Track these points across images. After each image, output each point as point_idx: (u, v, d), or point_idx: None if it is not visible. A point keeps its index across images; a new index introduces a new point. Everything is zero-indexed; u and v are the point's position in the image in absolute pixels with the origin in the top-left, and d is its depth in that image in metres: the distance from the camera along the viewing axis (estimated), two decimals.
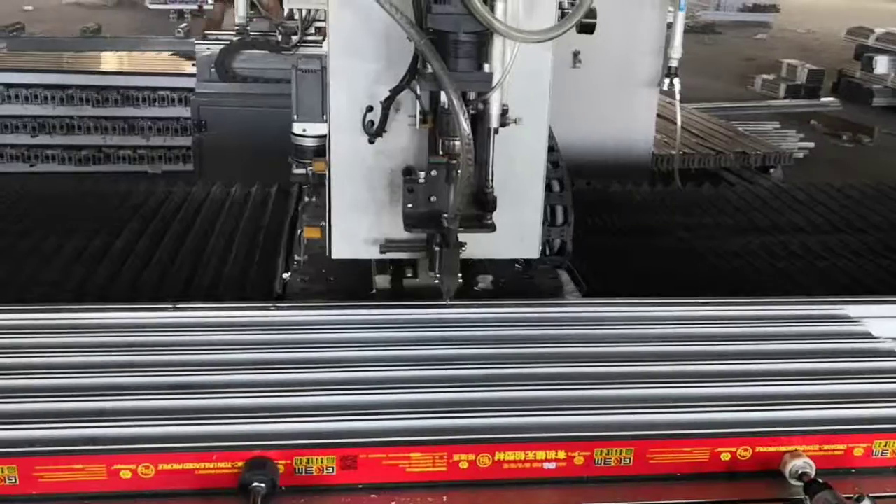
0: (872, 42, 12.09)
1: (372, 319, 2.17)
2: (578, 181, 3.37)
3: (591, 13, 1.98)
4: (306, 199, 3.12)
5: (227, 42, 6.54)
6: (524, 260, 2.51)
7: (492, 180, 2.08)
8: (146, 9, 13.70)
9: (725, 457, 1.77)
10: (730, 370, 2.01)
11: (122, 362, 1.94)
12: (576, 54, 4.38)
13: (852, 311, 2.33)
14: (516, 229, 2.27)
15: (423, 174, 2.10)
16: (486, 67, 1.94)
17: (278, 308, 2.24)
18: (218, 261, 2.66)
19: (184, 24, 7.30)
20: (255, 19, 6.65)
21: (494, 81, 1.94)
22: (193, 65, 6.71)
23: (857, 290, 2.62)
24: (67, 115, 6.97)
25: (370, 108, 2.12)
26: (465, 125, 1.87)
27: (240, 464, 1.64)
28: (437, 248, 2.08)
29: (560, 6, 2.11)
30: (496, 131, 2.03)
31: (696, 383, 1.94)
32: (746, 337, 2.17)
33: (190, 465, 1.65)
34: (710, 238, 3.10)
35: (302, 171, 3.42)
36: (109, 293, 2.41)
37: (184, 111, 7.01)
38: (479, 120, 2.00)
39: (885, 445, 1.80)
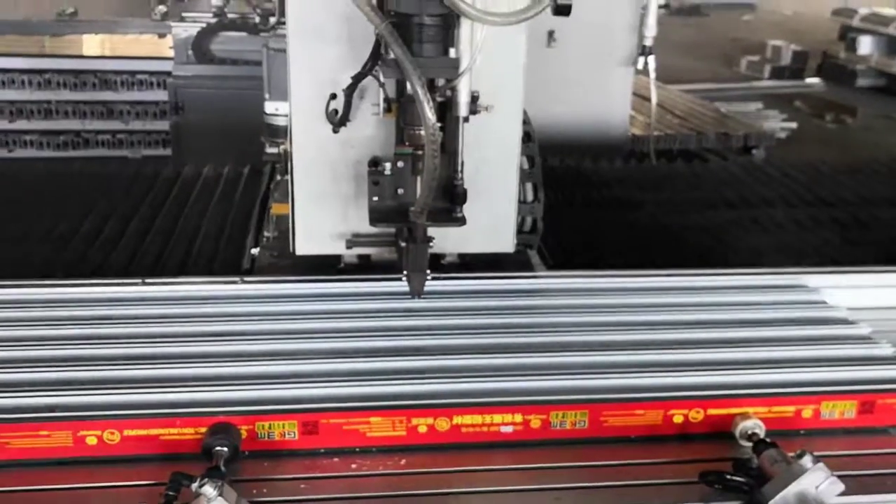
0: (856, 22, 12.11)
1: (337, 292, 2.21)
2: (551, 159, 3.39)
3: None
4: (279, 177, 3.15)
5: (205, 24, 6.55)
6: None
7: (462, 171, 2.00)
8: None
9: (678, 419, 1.82)
10: (684, 338, 2.06)
11: (89, 335, 1.97)
12: (550, 33, 4.39)
13: (811, 280, 2.39)
14: (489, 222, 2.20)
15: (388, 165, 2.00)
16: (453, 52, 1.84)
17: (245, 282, 2.27)
18: (188, 239, 2.69)
19: (161, 7, 7.28)
20: (232, 1, 6.66)
21: (462, 66, 1.85)
22: (171, 47, 6.72)
23: (823, 262, 2.66)
24: (45, 100, 6.97)
25: (333, 96, 2.02)
26: (430, 114, 1.74)
27: (203, 429, 1.68)
28: (403, 244, 2.00)
29: None
30: (466, 120, 1.93)
31: (651, 350, 1.99)
32: (702, 305, 2.22)
33: (154, 431, 1.69)
34: (680, 213, 3.14)
35: (274, 150, 3.46)
36: (77, 273, 2.43)
37: (162, 95, 6.99)
38: (447, 108, 1.91)
39: (833, 407, 1.86)
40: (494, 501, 1.65)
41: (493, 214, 2.21)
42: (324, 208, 2.17)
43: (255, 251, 2.57)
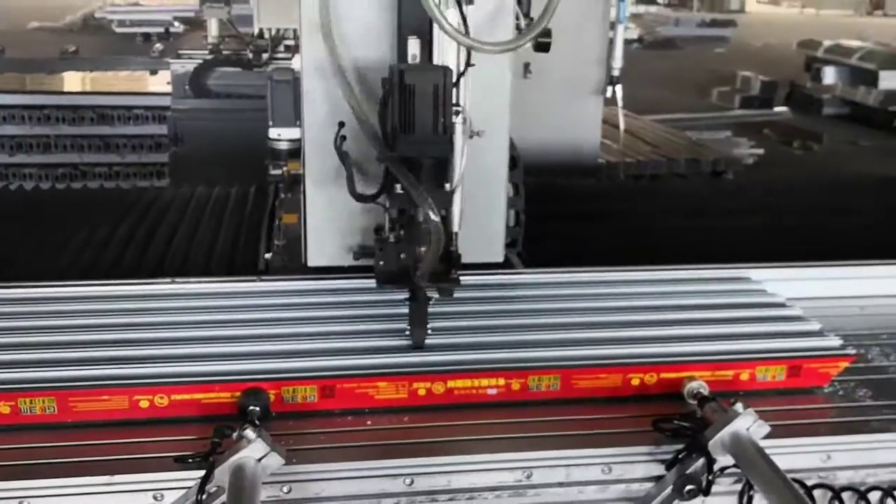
0: (821, 53, 12.66)
1: (343, 287, 2.53)
2: (528, 177, 3.75)
3: (546, 33, 2.05)
4: (282, 195, 3.51)
5: (201, 60, 6.92)
6: None
7: (456, 242, 2.22)
8: (113, 32, 14.03)
9: (635, 382, 2.16)
10: (640, 319, 2.39)
11: (133, 322, 2.28)
12: (526, 66, 4.78)
13: (754, 274, 2.74)
14: (482, 235, 2.48)
15: (392, 235, 2.25)
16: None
17: (263, 280, 2.60)
18: (207, 247, 3.03)
19: (158, 45, 7.64)
20: (226, 39, 7.05)
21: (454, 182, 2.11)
22: (168, 83, 7.06)
23: (770, 261, 3.02)
24: (44, 134, 7.28)
25: (342, 124, 2.27)
26: (438, 227, 1.97)
27: (237, 393, 1.99)
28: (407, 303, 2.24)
29: (517, 27, 2.27)
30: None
31: (612, 329, 2.33)
32: (657, 294, 2.56)
33: (197, 396, 2.01)
34: (645, 222, 3.52)
35: (278, 171, 3.82)
36: (115, 274, 2.76)
37: (157, 128, 7.29)
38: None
39: (767, 371, 2.21)
40: (482, 449, 1.97)
41: (484, 229, 2.51)
42: (333, 224, 2.46)
43: (268, 256, 2.91)
